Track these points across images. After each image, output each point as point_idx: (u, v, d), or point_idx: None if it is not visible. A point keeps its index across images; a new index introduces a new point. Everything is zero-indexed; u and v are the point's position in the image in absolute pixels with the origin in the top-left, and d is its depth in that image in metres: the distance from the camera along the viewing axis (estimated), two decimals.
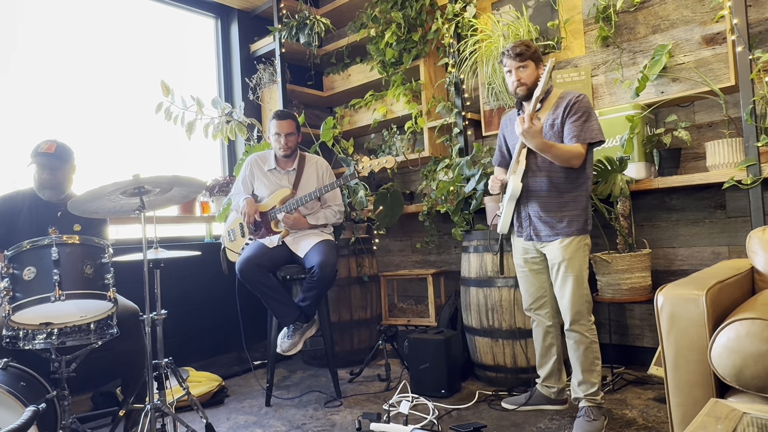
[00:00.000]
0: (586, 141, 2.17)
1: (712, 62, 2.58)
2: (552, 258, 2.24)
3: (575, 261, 2.19)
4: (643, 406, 2.38)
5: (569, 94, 2.25)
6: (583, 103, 2.19)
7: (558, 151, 2.12)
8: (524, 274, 2.39)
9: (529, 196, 2.27)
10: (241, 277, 2.65)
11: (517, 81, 2.22)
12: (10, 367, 1.79)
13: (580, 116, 2.17)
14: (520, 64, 2.21)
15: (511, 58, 2.22)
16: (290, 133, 2.84)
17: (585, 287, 2.21)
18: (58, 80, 3.23)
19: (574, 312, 2.20)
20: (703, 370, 1.44)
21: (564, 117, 2.20)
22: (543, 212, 2.24)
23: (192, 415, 2.60)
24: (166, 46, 3.82)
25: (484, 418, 2.39)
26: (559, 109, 2.23)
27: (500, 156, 2.50)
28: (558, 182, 2.22)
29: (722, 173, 2.44)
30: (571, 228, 2.20)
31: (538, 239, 2.27)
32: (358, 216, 3.47)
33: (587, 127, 2.17)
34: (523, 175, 2.24)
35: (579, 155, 2.16)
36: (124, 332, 2.08)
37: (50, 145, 2.24)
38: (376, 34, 3.65)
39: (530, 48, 2.23)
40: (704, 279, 1.59)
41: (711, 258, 2.76)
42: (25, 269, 1.80)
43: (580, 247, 2.21)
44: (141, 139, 3.57)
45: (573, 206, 2.21)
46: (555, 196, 2.22)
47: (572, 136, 2.17)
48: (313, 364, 3.51)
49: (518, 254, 2.40)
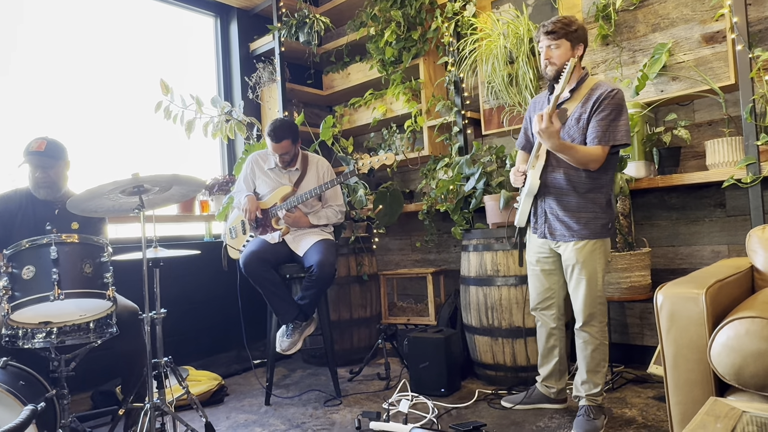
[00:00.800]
0: (609, 143, 2.04)
1: (711, 61, 2.58)
2: (566, 259, 2.19)
3: (589, 264, 2.12)
4: (642, 405, 2.38)
5: (602, 86, 2.09)
6: (615, 99, 2.04)
7: (575, 153, 2.02)
8: (535, 273, 2.35)
9: (547, 193, 2.18)
10: (244, 271, 2.65)
11: (546, 60, 2.10)
12: (9, 366, 1.79)
13: (608, 114, 2.03)
14: (552, 42, 2.07)
15: (543, 34, 2.10)
16: (285, 153, 2.82)
17: (599, 290, 2.15)
18: (58, 79, 3.22)
19: (586, 314, 2.16)
20: (703, 368, 1.44)
21: (591, 112, 2.06)
22: (560, 210, 2.16)
23: (192, 414, 2.60)
24: (166, 44, 3.81)
25: (484, 416, 2.39)
26: (588, 102, 2.08)
27: (524, 139, 2.41)
28: (578, 181, 2.12)
29: (722, 172, 2.44)
30: (587, 230, 2.12)
31: (552, 238, 2.21)
32: (358, 215, 3.47)
33: (613, 127, 2.03)
34: (542, 171, 2.16)
35: (597, 159, 2.03)
36: (123, 331, 2.08)
37: (41, 143, 2.19)
38: (376, 33, 3.65)
39: (568, 26, 2.07)
40: (704, 278, 1.59)
41: (711, 257, 2.76)
42: (24, 268, 1.79)
43: (595, 250, 2.12)
44: (140, 138, 3.56)
45: (592, 207, 2.12)
46: (573, 196, 2.13)
47: (594, 136, 2.04)
48: (312, 363, 3.51)
49: (532, 252, 2.34)
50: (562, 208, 2.16)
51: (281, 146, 2.79)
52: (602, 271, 2.16)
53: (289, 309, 2.67)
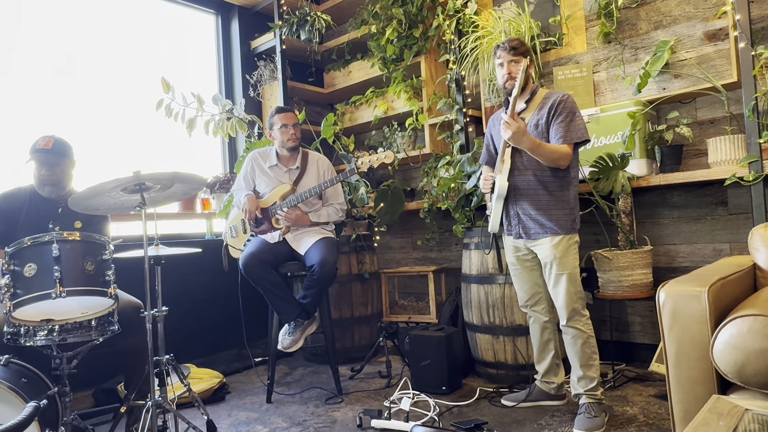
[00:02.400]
0: (573, 141, 2.19)
1: (714, 58, 2.57)
2: (544, 257, 2.26)
3: (567, 259, 2.21)
4: (644, 403, 2.38)
5: (554, 94, 2.26)
6: (568, 103, 2.22)
7: (546, 150, 2.15)
8: (518, 272, 2.41)
9: (517, 195, 2.28)
10: (244, 272, 2.65)
11: (508, 74, 2.25)
12: (11, 363, 1.79)
13: (565, 116, 2.19)
14: (513, 58, 2.24)
15: (505, 51, 2.26)
16: (296, 123, 2.88)
17: (578, 284, 2.24)
18: (59, 78, 3.22)
19: (570, 310, 2.22)
20: (705, 366, 1.44)
21: (549, 118, 2.23)
22: (532, 210, 2.26)
23: (193, 412, 2.60)
24: (167, 42, 3.81)
25: (485, 414, 2.39)
26: (543, 109, 2.25)
27: (488, 155, 2.53)
28: (545, 180, 2.24)
29: (724, 170, 2.43)
30: (560, 226, 2.22)
31: (528, 237, 2.29)
32: (359, 213, 3.47)
33: (573, 126, 2.19)
34: (510, 174, 2.26)
35: (566, 155, 2.18)
36: (126, 327, 2.08)
37: (47, 141, 2.21)
38: (377, 31, 3.64)
39: (523, 45, 2.28)
40: (706, 276, 1.59)
41: (712, 255, 2.75)
42: (25, 266, 1.79)
43: (570, 245, 2.23)
44: (142, 136, 3.56)
45: (562, 205, 2.24)
46: (544, 194, 2.24)
47: (559, 136, 2.19)
48: (313, 361, 3.51)
49: (510, 253, 2.41)
50: (534, 207, 2.26)
51: (292, 115, 2.87)
52: (578, 266, 2.26)
53: (290, 308, 2.67)
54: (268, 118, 2.94)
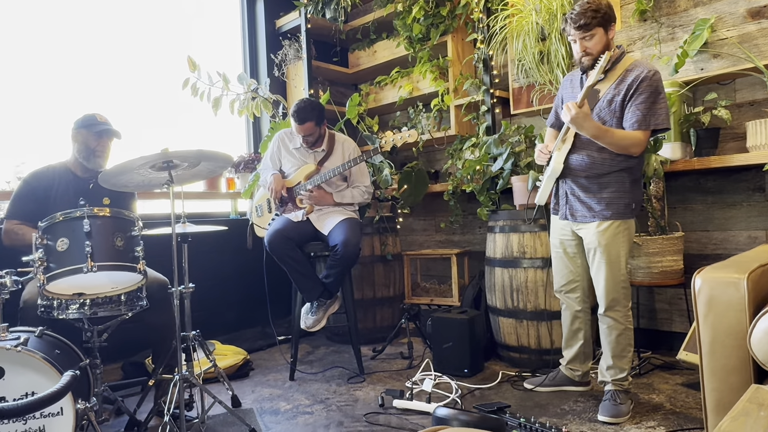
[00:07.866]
0: (650, 128, 1.98)
1: (757, 37, 2.45)
2: (588, 242, 2.16)
3: (612, 247, 2.09)
4: (671, 391, 2.34)
5: (639, 67, 2.01)
6: (653, 81, 1.97)
7: (614, 138, 1.97)
8: (558, 256, 2.33)
9: (568, 174, 2.15)
10: (269, 249, 2.67)
11: (582, 51, 2.05)
12: (45, 335, 1.84)
13: (647, 98, 1.96)
14: (586, 34, 2.01)
15: (574, 29, 2.02)
16: (308, 134, 2.81)
17: (622, 273, 2.11)
18: (87, 57, 3.25)
19: (609, 299, 2.13)
20: (741, 355, 1.40)
21: (627, 95, 2.00)
22: (581, 192, 2.14)
23: (218, 387, 2.65)
24: (192, 21, 3.81)
25: (507, 398, 2.38)
26: (623, 84, 2.02)
27: (555, 117, 2.38)
28: (601, 162, 2.07)
29: (763, 154, 2.34)
30: (609, 211, 2.08)
31: (573, 219, 2.19)
32: (383, 194, 3.45)
33: (653, 110, 1.96)
34: (567, 154, 2.13)
35: (640, 143, 1.98)
36: (153, 304, 2.11)
37: (102, 117, 2.37)
38: (403, 9, 3.57)
39: (597, 12, 1.98)
40: (745, 262, 1.54)
41: (747, 242, 2.67)
42: (58, 240, 1.83)
43: (618, 233, 2.08)
44: (168, 116, 3.58)
45: (615, 187, 2.08)
46: (595, 176, 2.10)
47: (635, 120, 1.98)
48: (335, 341, 3.54)
49: (555, 234, 2.32)
50: (583, 189, 2.13)
51: (304, 128, 2.78)
52: (626, 255, 2.11)
53: (313, 287, 2.69)
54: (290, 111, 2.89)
